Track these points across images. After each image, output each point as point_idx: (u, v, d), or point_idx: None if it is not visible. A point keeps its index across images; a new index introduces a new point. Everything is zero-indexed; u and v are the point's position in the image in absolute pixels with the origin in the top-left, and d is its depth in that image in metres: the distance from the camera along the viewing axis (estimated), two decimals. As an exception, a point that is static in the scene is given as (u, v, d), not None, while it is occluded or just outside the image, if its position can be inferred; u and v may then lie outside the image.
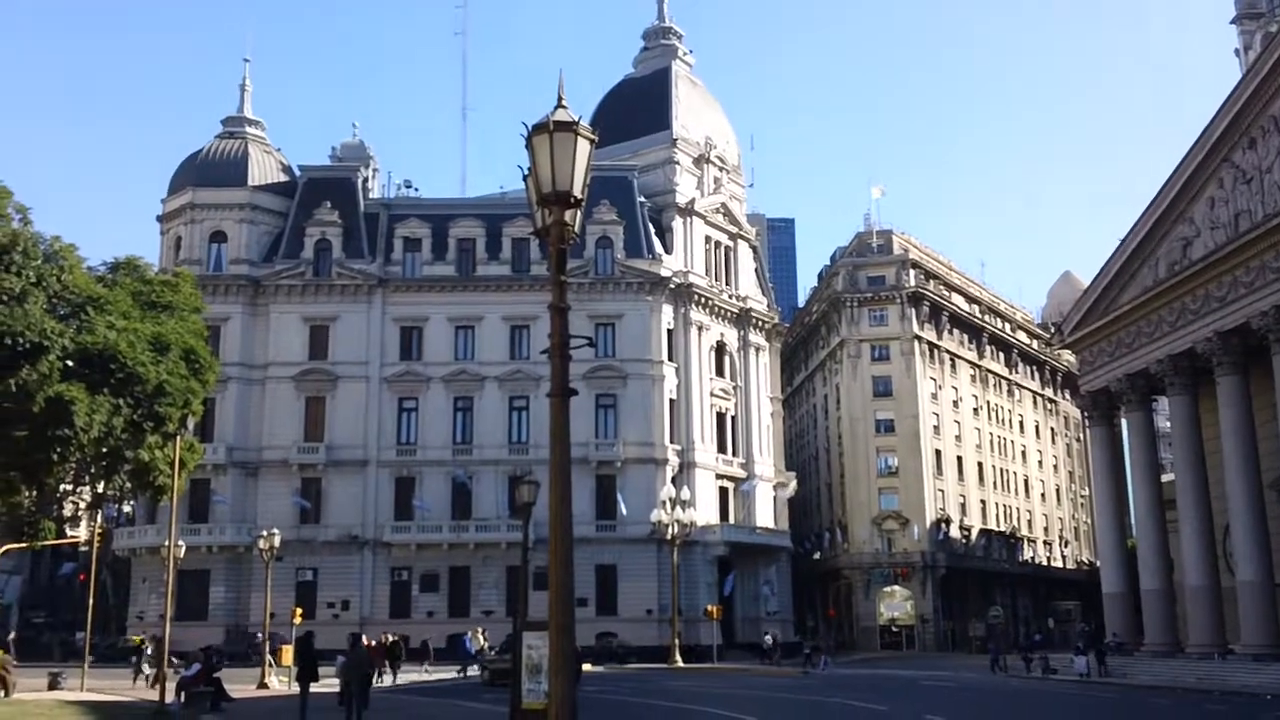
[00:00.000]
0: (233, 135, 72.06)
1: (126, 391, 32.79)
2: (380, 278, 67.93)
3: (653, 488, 63.42)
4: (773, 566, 71.13)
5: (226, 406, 64.30)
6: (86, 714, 25.73)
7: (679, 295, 69.00)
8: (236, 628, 61.35)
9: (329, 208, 68.61)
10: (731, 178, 76.71)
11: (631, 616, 62.80)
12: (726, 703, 31.48)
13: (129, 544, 66.08)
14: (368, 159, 75.68)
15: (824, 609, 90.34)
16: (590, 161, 9.25)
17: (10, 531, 43.87)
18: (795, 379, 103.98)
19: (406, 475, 65.93)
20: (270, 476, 65.08)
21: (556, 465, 9.22)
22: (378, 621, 59.87)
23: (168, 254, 68.48)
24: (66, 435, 31.40)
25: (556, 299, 9.34)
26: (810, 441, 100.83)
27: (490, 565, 63.90)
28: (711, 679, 45.66)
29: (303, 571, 62.79)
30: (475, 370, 66.78)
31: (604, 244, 67.69)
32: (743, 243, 75.97)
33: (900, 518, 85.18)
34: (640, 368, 66.54)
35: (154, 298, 37.94)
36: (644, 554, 63.52)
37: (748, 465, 71.32)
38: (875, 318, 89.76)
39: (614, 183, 66.16)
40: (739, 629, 67.48)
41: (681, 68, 77.39)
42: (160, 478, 37.55)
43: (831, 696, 35.15)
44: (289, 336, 66.85)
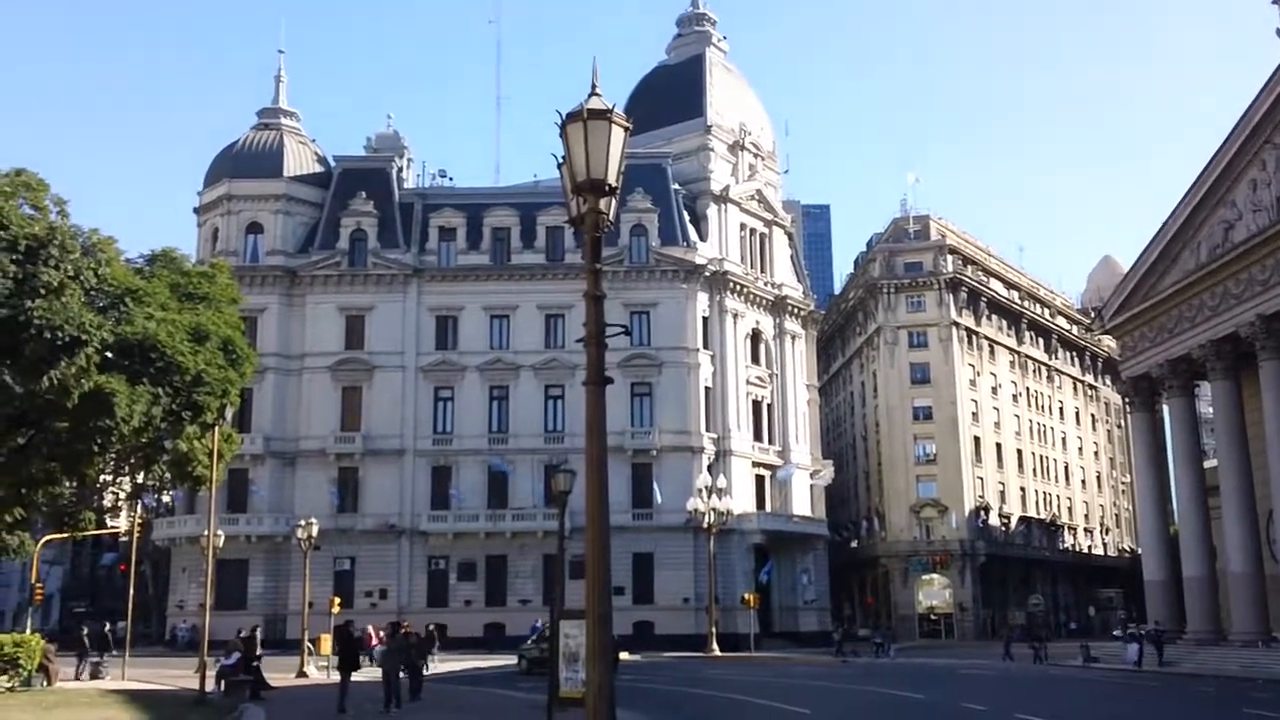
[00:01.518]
0: (268, 126, 72.42)
1: (165, 382, 33.00)
2: (415, 267, 68.12)
3: (689, 476, 63.25)
4: (810, 555, 70.85)
5: (264, 397, 64.71)
6: (128, 703, 25.95)
7: (714, 283, 68.71)
8: (275, 617, 61.85)
9: (364, 198, 68.85)
10: (766, 164, 76.26)
11: (668, 605, 62.75)
12: (766, 691, 31.34)
13: (168, 534, 66.77)
14: (402, 149, 75.89)
15: (861, 597, 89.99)
16: (625, 149, 9.13)
17: (51, 522, 44.31)
18: (831, 366, 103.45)
19: (443, 464, 66.14)
20: (307, 466, 65.50)
21: (593, 454, 9.08)
22: (415, 610, 60.14)
23: (205, 245, 68.98)
24: (107, 426, 31.62)
25: (592, 287, 9.22)
26: (847, 429, 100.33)
27: (527, 554, 64.03)
28: (749, 668, 45.53)
29: (340, 561, 63.17)
30: (510, 359, 66.85)
31: (638, 232, 67.52)
32: (778, 229, 75.53)
33: (938, 505, 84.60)
34: (675, 356, 66.36)
35: (191, 289, 38.17)
36: (680, 542, 63.41)
37: (784, 453, 71.02)
38: (912, 304, 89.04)
39: (648, 170, 65.92)
40: (776, 617, 67.29)
41: (715, 54, 76.94)
42: (199, 468, 37.85)
43: (870, 685, 34.92)
44: (325, 327, 67.20)
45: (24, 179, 32.13)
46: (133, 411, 31.58)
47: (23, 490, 36.30)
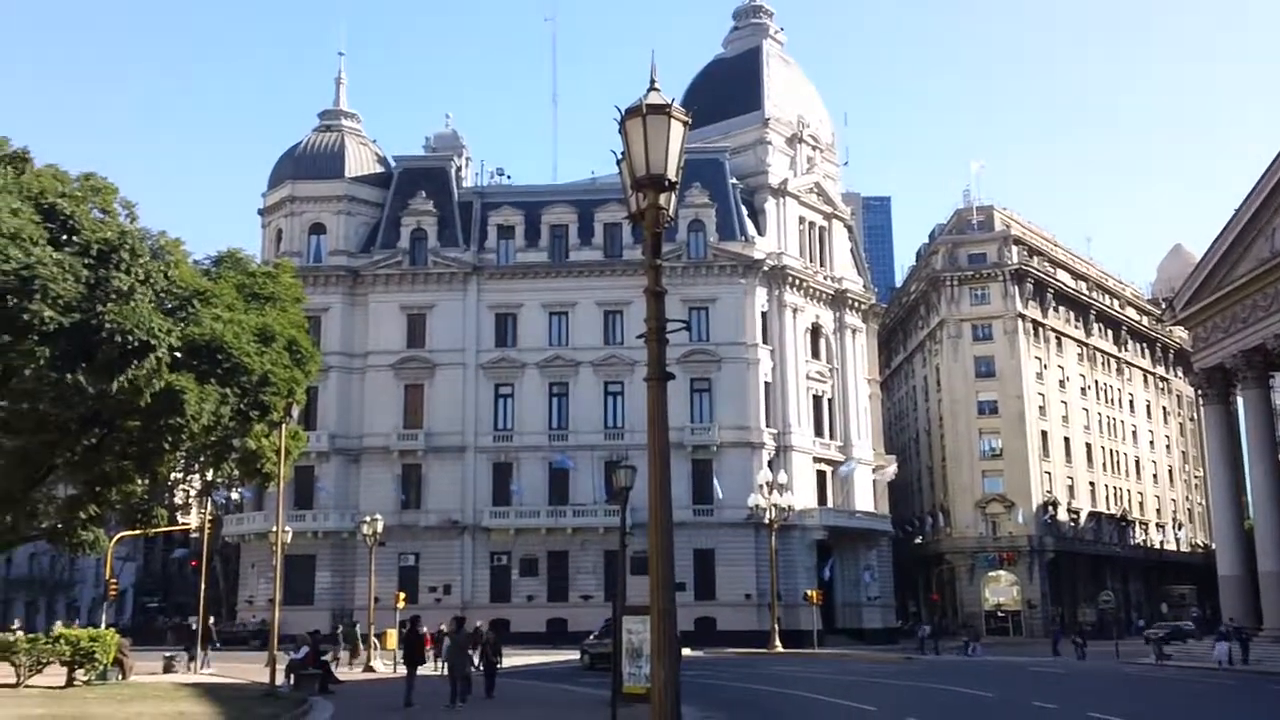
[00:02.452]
0: (329, 128, 73.34)
1: (233, 381, 33.54)
2: (475, 265, 68.57)
3: (749, 472, 63.02)
4: (873, 551, 70.22)
5: (328, 395, 65.52)
6: (200, 695, 26.43)
7: (773, 277, 68.34)
8: (342, 611, 62.61)
9: (424, 197, 69.45)
10: (825, 156, 75.66)
11: (730, 601, 62.58)
12: (829, 688, 31.12)
13: (238, 530, 67.95)
14: (460, 148, 76.41)
15: (926, 594, 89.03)
16: (684, 144, 9.07)
17: (125, 519, 45.24)
18: (893, 360, 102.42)
19: (504, 461, 66.55)
20: (371, 463, 66.25)
21: (655, 449, 9.02)
22: (479, 605, 60.64)
23: (269, 246, 70.03)
24: (177, 424, 32.21)
25: (652, 283, 9.18)
26: (910, 424, 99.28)
27: (588, 550, 64.20)
28: (812, 664, 45.22)
29: (405, 556, 63.80)
30: (570, 356, 67.05)
31: (696, 227, 67.34)
32: (837, 222, 74.91)
33: (1005, 501, 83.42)
34: (735, 351, 66.11)
35: (257, 289, 38.73)
36: (741, 538, 63.21)
37: (846, 448, 70.45)
38: (976, 296, 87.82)
39: (705, 165, 65.73)
40: (839, 614, 66.83)
41: (773, 46, 76.45)
42: (267, 465, 38.43)
43: (937, 682, 34.51)
44: (387, 325, 67.91)
45: (93, 183, 32.81)
46: (202, 411, 32.14)
47: (97, 488, 37.15)
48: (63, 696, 24.91)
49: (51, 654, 27.35)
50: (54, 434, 34.41)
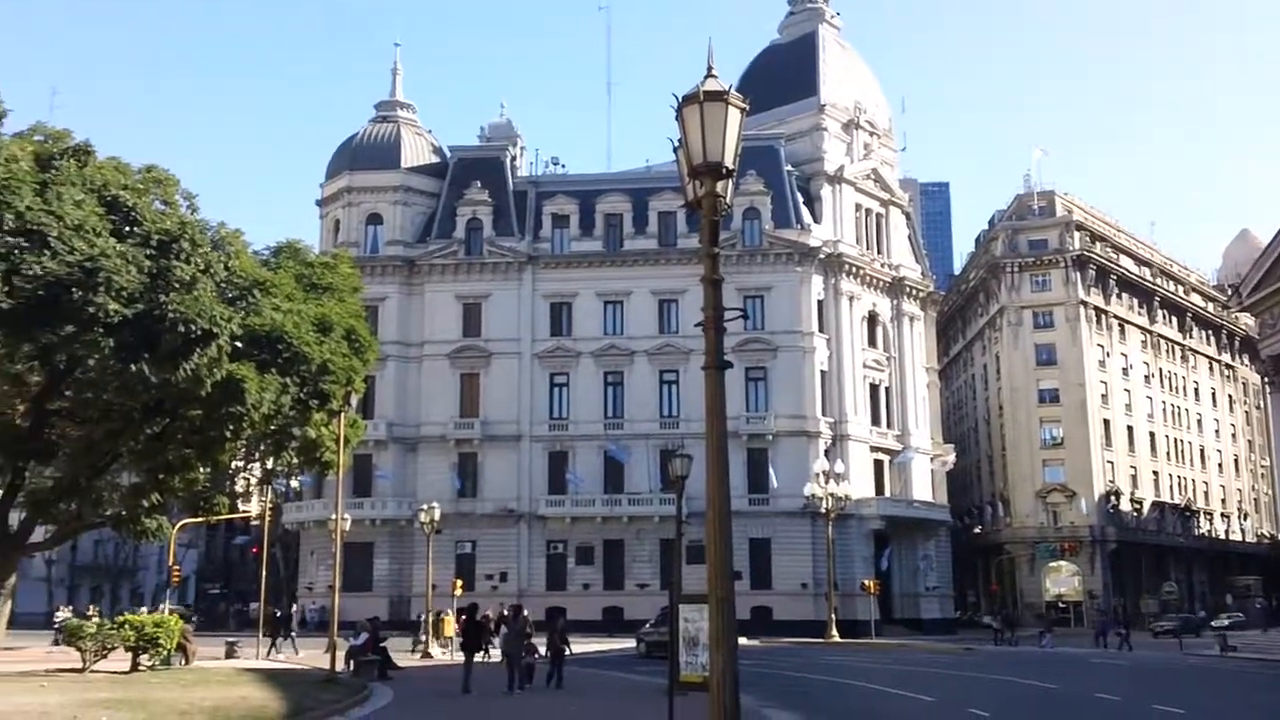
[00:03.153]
0: (385, 119, 73.84)
1: (293, 371, 33.92)
2: (530, 255, 68.75)
3: (805, 461, 62.64)
4: (931, 541, 69.55)
5: (385, 384, 66.07)
6: (262, 681, 26.77)
7: (829, 265, 67.79)
8: (400, 598, 63.25)
9: (479, 187, 69.73)
10: (882, 142, 74.85)
11: (786, 590, 62.31)
12: (888, 677, 30.84)
13: (297, 518, 68.87)
14: (515, 138, 76.62)
15: (986, 584, 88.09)
16: (741, 131, 8.96)
17: (187, 507, 46.00)
18: (952, 349, 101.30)
19: (559, 450, 66.74)
20: (428, 451, 66.76)
21: (713, 438, 8.88)
22: (535, 593, 60.96)
23: (327, 237, 70.77)
24: (238, 413, 32.65)
25: (709, 271, 9.07)
26: (969, 413, 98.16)
27: (644, 539, 64.24)
28: (869, 654, 44.89)
29: (461, 544, 64.24)
30: (624, 345, 67.04)
31: (751, 215, 66.95)
32: (895, 209, 74.11)
33: (1066, 490, 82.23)
34: (790, 340, 65.70)
35: (315, 279, 39.12)
36: (797, 528, 62.88)
37: (903, 437, 69.79)
38: (1037, 283, 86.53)
39: (760, 152, 65.23)
40: (896, 604, 66.32)
41: (829, 31, 75.70)
42: (326, 453, 38.83)
43: (998, 673, 34.09)
44: (443, 315, 68.32)
45: (154, 175, 33.27)
46: (262, 399, 32.53)
47: (160, 476, 37.78)
48: (127, 681, 25.37)
49: (117, 639, 27.83)
50: (118, 423, 35.05)
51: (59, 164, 30.45)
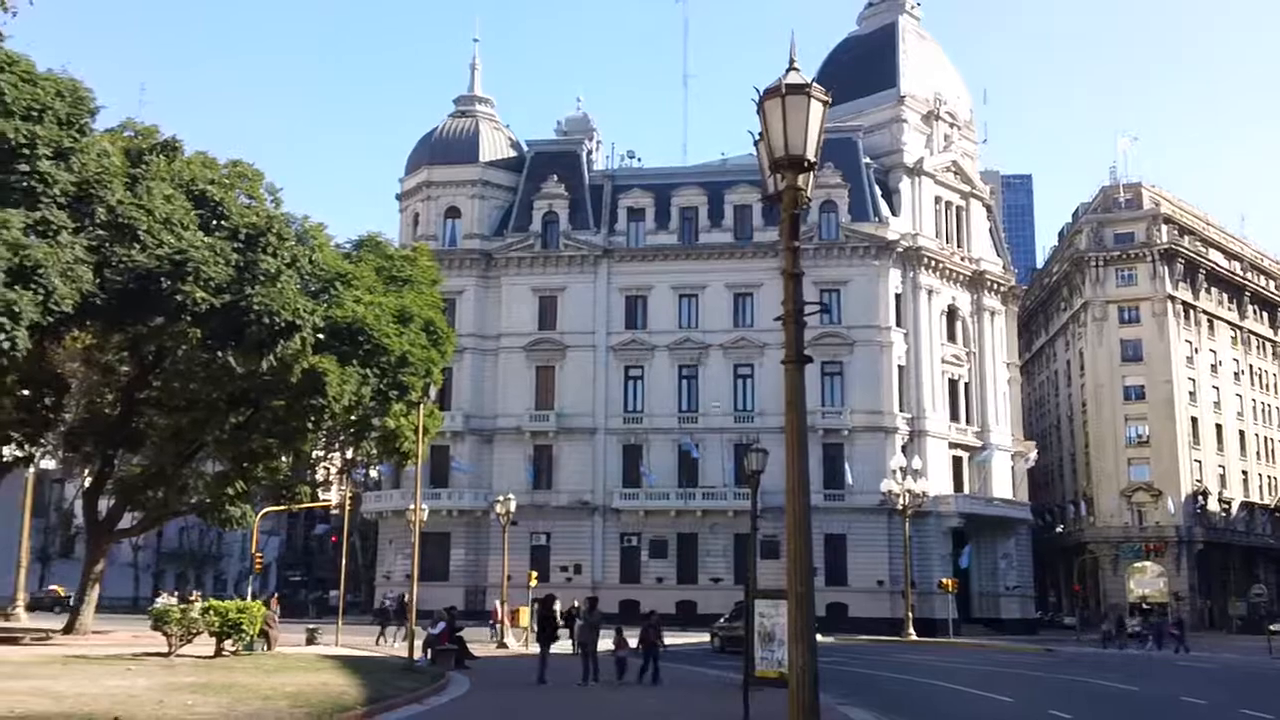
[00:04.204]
0: (464, 114, 74.56)
1: (373, 362, 34.51)
2: (605, 248, 68.92)
3: (882, 457, 61.97)
4: (1011, 539, 68.36)
5: (462, 376, 66.72)
6: (342, 667, 27.19)
7: (907, 259, 66.94)
8: (475, 588, 63.88)
9: (555, 181, 70.05)
10: (963, 134, 73.66)
11: (862, 587, 61.69)
12: (965, 677, 30.37)
13: (376, 507, 69.91)
14: (591, 131, 76.81)
15: (1067, 584, 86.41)
16: (823, 124, 8.87)
17: (269, 495, 47.03)
18: (1034, 344, 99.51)
19: (634, 443, 66.84)
20: (504, 443, 67.29)
21: (793, 432, 8.77)
22: (609, 586, 61.13)
23: (406, 230, 71.61)
24: (319, 404, 33.32)
25: (789, 265, 8.95)
26: (1051, 409, 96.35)
27: (718, 533, 64.09)
28: (947, 653, 44.29)
29: (536, 536, 64.62)
30: (699, 338, 66.90)
31: (828, 208, 66.31)
32: (975, 202, 72.90)
33: (1152, 489, 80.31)
34: (867, 334, 65.00)
35: (395, 272, 39.71)
36: (874, 524, 62.23)
37: (983, 434, 68.69)
38: (1123, 277, 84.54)
39: (838, 145, 64.40)
40: (975, 603, 65.32)
41: (909, 22, 74.66)
42: (405, 444, 39.44)
43: (1078, 674, 33.42)
44: (519, 307, 68.79)
45: (240, 169, 34.05)
46: (343, 391, 33.14)
47: (244, 464, 38.70)
48: (211, 666, 25.92)
49: (201, 625, 28.47)
50: (203, 412, 35.97)
51: (148, 159, 31.29)
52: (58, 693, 18.77)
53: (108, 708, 16.69)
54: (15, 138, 27.03)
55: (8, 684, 19.83)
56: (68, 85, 29.10)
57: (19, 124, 27.17)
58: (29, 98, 27.62)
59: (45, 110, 27.90)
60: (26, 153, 27.24)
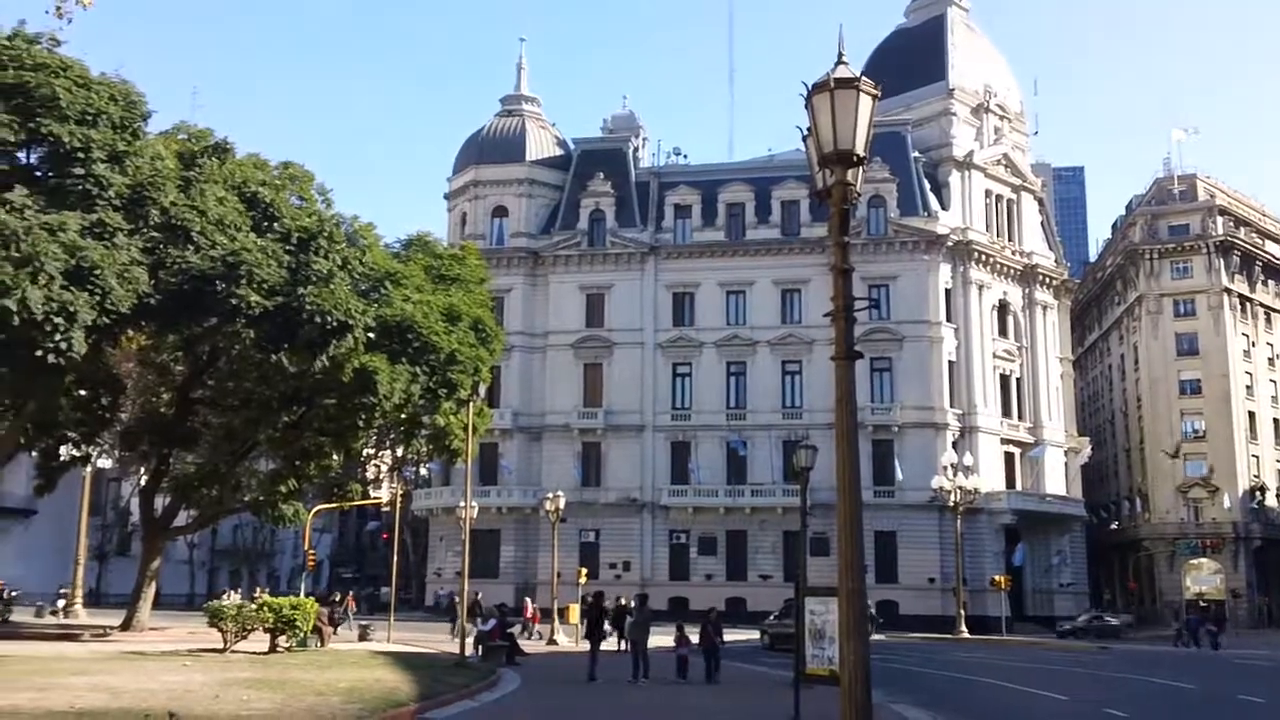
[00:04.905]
0: (511, 113, 74.90)
1: (422, 360, 34.74)
2: (652, 245, 68.91)
3: (932, 453, 61.42)
4: (1065, 536, 67.46)
5: (511, 374, 67.02)
6: (395, 663, 27.41)
7: (957, 253, 66.28)
8: (525, 585, 64.12)
9: (602, 179, 70.15)
10: (1013, 126, 72.81)
11: (912, 585, 61.18)
12: (1018, 675, 30.03)
13: (426, 504, 70.45)
14: (637, 129, 76.84)
15: (1122, 582, 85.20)
16: (872, 118, 8.78)
17: (321, 493, 47.57)
18: (1087, 338, 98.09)
19: (681, 440, 66.80)
20: (552, 441, 67.53)
21: (843, 429, 8.69)
22: (658, 583, 61.22)
23: (454, 229, 72.04)
24: (370, 402, 33.62)
25: (839, 260, 8.87)
26: (1105, 405, 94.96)
27: (767, 530, 63.89)
28: (999, 651, 43.82)
29: (585, 533, 64.83)
30: (747, 335, 66.70)
31: (876, 203, 65.79)
32: (1026, 195, 72.02)
33: (1208, 485, 78.82)
34: (917, 329, 64.42)
35: (443, 271, 39.96)
36: (924, 521, 61.70)
37: (1035, 430, 67.86)
38: (1178, 270, 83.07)
39: (886, 139, 63.75)
40: (1029, 601, 64.56)
41: (957, 13, 73.86)
42: (454, 441, 39.70)
43: (1132, 672, 32.94)
44: (567, 305, 68.99)
45: (291, 171, 34.45)
46: (393, 389, 33.39)
47: (296, 463, 39.14)
48: (266, 661, 26.23)
49: (256, 620, 28.81)
50: (257, 411, 36.41)
51: (201, 162, 31.75)
52: (116, 688, 19.07)
53: (165, 703, 16.92)
54: (71, 142, 27.53)
55: (67, 680, 20.20)
56: (121, 90, 29.58)
57: (74, 128, 27.67)
58: (84, 102, 28.11)
59: (100, 114, 28.39)
60: (82, 156, 27.74)
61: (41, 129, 27.51)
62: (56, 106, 27.50)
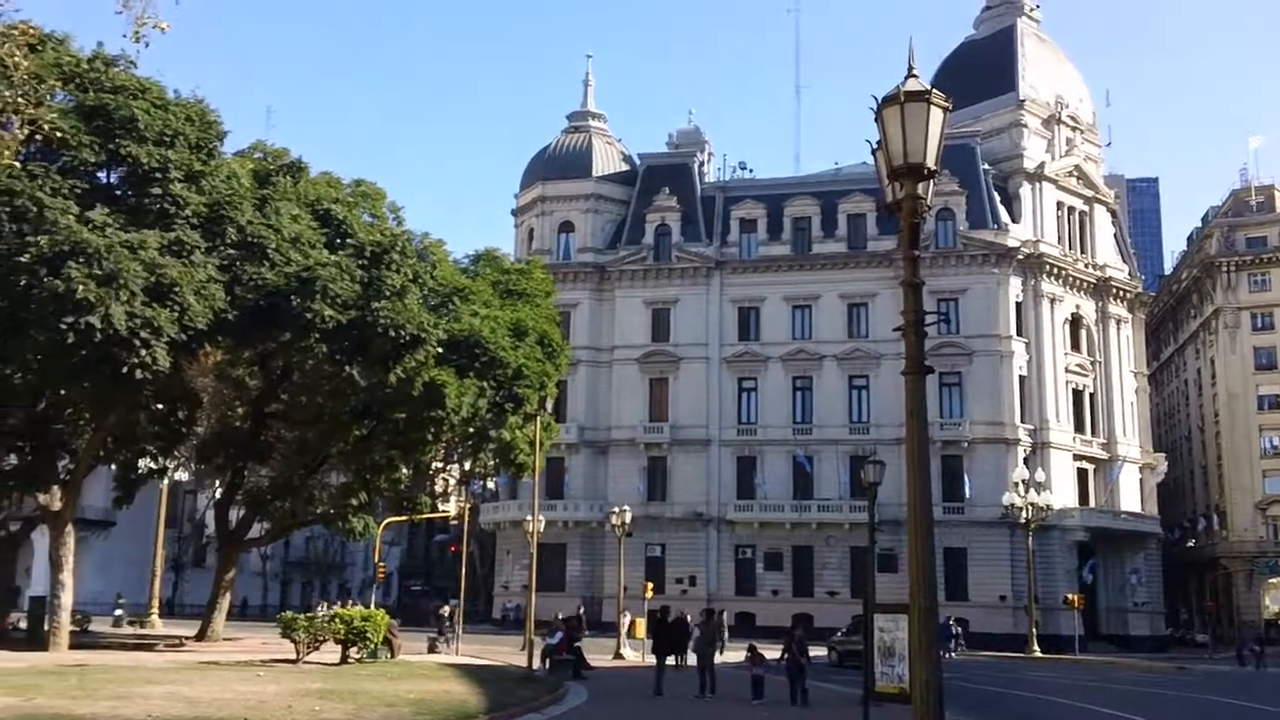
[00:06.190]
0: (577, 129, 75.39)
1: (489, 375, 35.07)
2: (717, 260, 68.85)
3: (1002, 469, 60.50)
4: (1140, 554, 66.00)
5: (577, 388, 67.30)
6: (463, 675, 27.60)
7: (1028, 266, 65.31)
8: (591, 599, 64.23)
9: (667, 194, 70.28)
10: (1085, 137, 71.67)
11: (983, 602, 60.21)
12: (1093, 696, 29.38)
13: (493, 518, 70.90)
14: (703, 144, 76.82)
15: (1199, 600, 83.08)
16: (943, 131, 8.73)
17: (391, 506, 48.09)
18: (1162, 353, 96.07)
19: (747, 455, 66.53)
20: (618, 455, 67.65)
21: (914, 444, 8.61)
22: (724, 598, 60.93)
23: (521, 245, 72.62)
24: (439, 416, 34.00)
25: (909, 275, 8.81)
26: (1181, 420, 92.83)
27: (833, 546, 63.35)
28: (1072, 670, 42.96)
29: (651, 547, 64.81)
30: (813, 349, 66.29)
31: (945, 216, 65.05)
32: (1099, 207, 70.81)
33: (1289, 502, 76.68)
34: (986, 344, 63.52)
35: (510, 286, 40.33)
36: (995, 538, 60.75)
37: (1109, 446, 66.55)
38: (1256, 282, 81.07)
39: (955, 151, 63.18)
40: (1102, 619, 63.25)
41: (1027, 24, 72.98)
42: (521, 455, 39.95)
43: (1211, 694, 32.07)
44: (632, 320, 69.14)
45: (364, 189, 35.08)
46: (461, 403, 33.73)
47: (366, 476, 39.68)
48: (338, 673, 26.55)
49: (327, 632, 29.19)
50: (329, 425, 37.00)
51: (276, 180, 32.45)
52: (191, 698, 19.44)
53: (239, 712, 17.22)
54: (149, 162, 28.29)
55: (144, 689, 20.63)
56: (197, 110, 30.36)
57: (152, 149, 28.44)
58: (161, 123, 28.89)
59: (177, 135, 29.15)
60: (160, 176, 28.50)
61: (121, 150, 28.33)
62: (135, 128, 28.29)
